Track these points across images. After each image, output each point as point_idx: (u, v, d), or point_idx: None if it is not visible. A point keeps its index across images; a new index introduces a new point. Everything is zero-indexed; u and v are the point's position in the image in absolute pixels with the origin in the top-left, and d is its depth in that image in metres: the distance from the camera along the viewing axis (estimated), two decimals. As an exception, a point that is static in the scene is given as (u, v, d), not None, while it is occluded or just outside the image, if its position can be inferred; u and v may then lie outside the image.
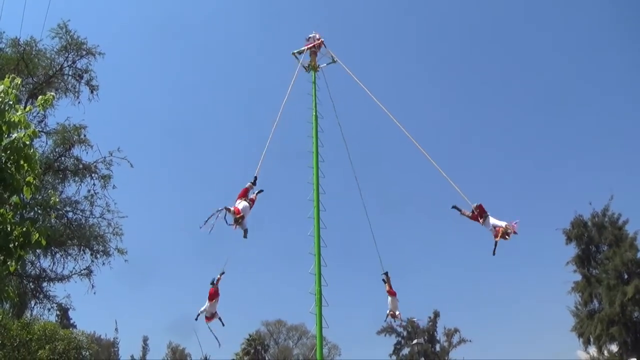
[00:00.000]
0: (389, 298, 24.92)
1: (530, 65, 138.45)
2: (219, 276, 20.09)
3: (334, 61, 24.30)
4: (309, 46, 24.36)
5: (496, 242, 17.24)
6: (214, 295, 19.89)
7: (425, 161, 20.29)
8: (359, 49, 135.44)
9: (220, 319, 20.07)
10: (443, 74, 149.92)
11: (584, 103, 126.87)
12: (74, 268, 30.80)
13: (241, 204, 18.50)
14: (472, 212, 18.07)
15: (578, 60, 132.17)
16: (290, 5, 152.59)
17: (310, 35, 24.85)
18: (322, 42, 24.53)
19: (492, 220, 17.59)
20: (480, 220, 17.82)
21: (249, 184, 19.62)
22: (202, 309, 19.80)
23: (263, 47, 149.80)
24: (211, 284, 20.02)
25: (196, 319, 19.95)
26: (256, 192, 19.73)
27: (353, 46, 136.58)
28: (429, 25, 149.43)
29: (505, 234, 17.05)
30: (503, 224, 17.31)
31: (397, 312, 24.55)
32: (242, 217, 18.11)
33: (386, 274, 25.15)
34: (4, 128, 8.04)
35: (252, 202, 19.14)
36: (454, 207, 18.59)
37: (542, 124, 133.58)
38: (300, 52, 24.49)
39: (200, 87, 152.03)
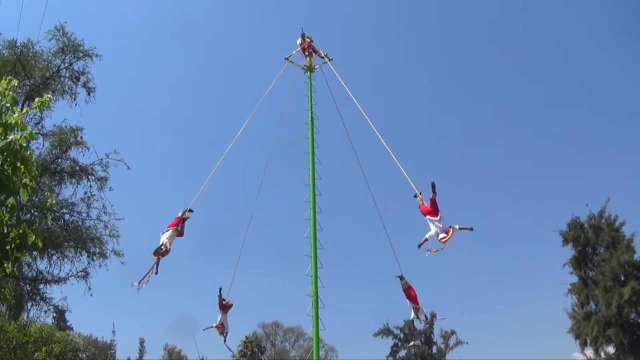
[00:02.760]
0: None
1: (528, 66, 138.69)
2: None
3: (329, 59, 24.28)
4: (304, 46, 24.38)
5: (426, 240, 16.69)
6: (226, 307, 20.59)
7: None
8: (358, 49, 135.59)
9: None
10: (441, 74, 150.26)
11: (581, 104, 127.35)
12: (70, 270, 30.77)
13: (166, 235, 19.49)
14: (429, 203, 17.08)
15: (576, 61, 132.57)
16: (287, 5, 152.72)
17: (300, 38, 24.85)
18: (312, 41, 24.58)
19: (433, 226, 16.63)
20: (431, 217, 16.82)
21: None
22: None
23: (260, 47, 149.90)
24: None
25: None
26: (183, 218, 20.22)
27: (352, 46, 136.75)
28: (428, 24, 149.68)
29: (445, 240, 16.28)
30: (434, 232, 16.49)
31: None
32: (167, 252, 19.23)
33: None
34: (0, 130, 8.03)
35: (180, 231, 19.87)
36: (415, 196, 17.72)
37: (539, 125, 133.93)
38: (292, 55, 24.52)
39: (197, 89, 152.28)
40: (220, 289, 21.10)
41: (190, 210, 20.12)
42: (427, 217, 16.80)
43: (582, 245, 51.98)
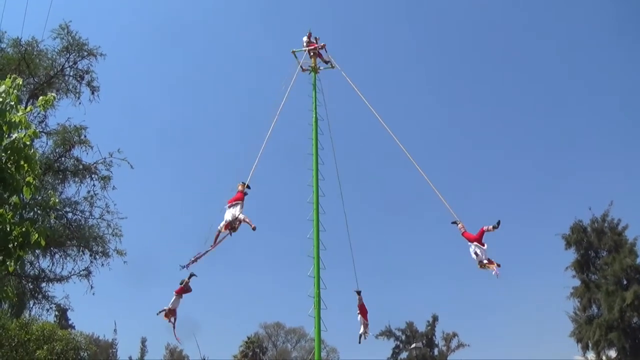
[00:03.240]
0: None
1: (532, 68, 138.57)
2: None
3: (332, 66, 24.24)
4: (311, 47, 24.30)
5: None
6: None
7: (425, 165, 20.36)
8: (358, 49, 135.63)
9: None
10: (444, 76, 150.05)
11: (585, 107, 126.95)
12: (72, 269, 30.79)
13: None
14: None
15: (580, 63, 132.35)
16: (290, 6, 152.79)
17: (306, 37, 24.76)
18: (324, 46, 24.49)
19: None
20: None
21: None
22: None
23: (263, 48, 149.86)
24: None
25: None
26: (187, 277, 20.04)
27: (352, 47, 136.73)
28: (428, 26, 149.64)
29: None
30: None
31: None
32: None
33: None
34: (4, 128, 8.04)
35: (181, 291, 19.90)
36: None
37: (542, 127, 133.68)
38: (299, 51, 24.42)
39: (201, 88, 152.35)
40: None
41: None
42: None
43: (584, 248, 51.97)
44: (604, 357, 48.81)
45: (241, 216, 18.11)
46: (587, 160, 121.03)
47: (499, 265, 17.31)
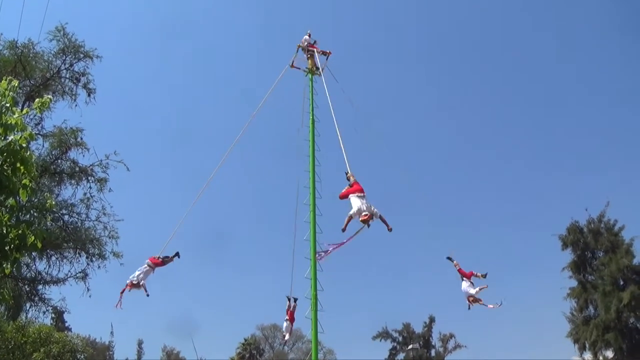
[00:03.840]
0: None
1: (528, 69, 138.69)
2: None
3: (318, 74, 24.14)
4: (309, 48, 24.34)
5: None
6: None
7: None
8: (358, 50, 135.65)
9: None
10: (440, 76, 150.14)
11: (581, 107, 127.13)
12: (69, 271, 30.74)
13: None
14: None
15: (576, 64, 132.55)
16: (290, 7, 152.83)
17: (304, 38, 24.80)
18: (315, 45, 24.54)
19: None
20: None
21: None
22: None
23: (263, 49, 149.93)
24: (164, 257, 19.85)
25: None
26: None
27: (352, 47, 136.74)
28: (427, 26, 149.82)
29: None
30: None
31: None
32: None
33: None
34: (0, 130, 8.03)
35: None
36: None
37: (539, 128, 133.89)
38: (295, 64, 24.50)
39: (198, 90, 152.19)
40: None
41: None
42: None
43: (581, 249, 52.06)
44: (601, 358, 48.90)
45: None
46: (583, 161, 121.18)
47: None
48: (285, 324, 23.11)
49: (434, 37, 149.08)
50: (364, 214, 16.12)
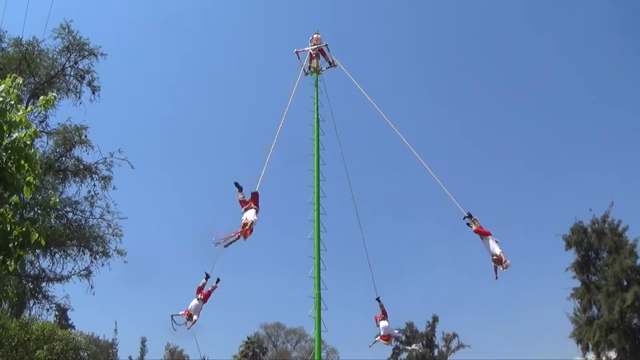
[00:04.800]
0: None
1: (531, 69, 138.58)
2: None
3: (333, 65, 24.13)
4: (312, 48, 24.23)
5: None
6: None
7: (423, 167, 20.36)
8: (360, 50, 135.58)
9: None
10: (443, 76, 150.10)
11: (585, 107, 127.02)
12: (73, 269, 30.79)
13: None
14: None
15: (580, 64, 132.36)
16: (292, 5, 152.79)
17: (312, 36, 24.72)
18: (326, 45, 24.41)
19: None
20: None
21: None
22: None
23: (265, 48, 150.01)
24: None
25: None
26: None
27: (354, 47, 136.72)
28: (429, 27, 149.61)
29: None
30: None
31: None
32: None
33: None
34: (5, 128, 8.02)
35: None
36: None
37: (542, 128, 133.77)
38: (302, 51, 24.31)
39: (202, 88, 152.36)
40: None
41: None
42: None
43: (585, 249, 51.96)
44: (604, 358, 48.82)
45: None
46: (587, 161, 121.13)
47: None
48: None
49: (435, 36, 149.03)
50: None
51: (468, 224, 18.78)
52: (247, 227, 17.73)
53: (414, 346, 59.29)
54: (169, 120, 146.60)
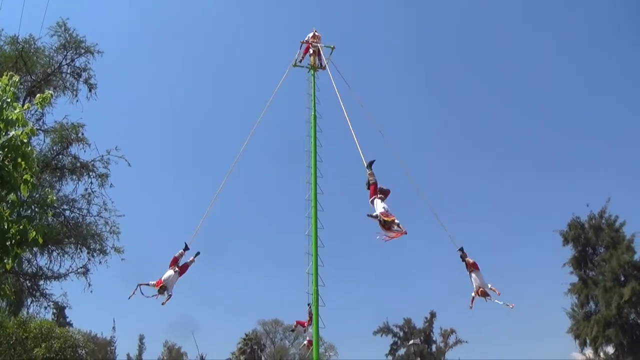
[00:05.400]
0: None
1: (529, 66, 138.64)
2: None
3: (322, 67, 24.00)
4: (305, 49, 24.25)
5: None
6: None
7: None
8: (358, 50, 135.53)
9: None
10: (441, 74, 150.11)
11: (582, 104, 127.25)
12: (70, 266, 30.86)
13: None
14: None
15: (577, 60, 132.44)
16: (290, 5, 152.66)
17: (308, 36, 24.71)
18: (319, 41, 24.40)
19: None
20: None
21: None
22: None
23: (263, 46, 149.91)
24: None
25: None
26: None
27: (352, 47, 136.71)
28: (428, 25, 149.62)
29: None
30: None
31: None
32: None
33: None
34: (1, 126, 8.02)
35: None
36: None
37: (540, 124, 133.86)
38: (300, 60, 24.34)
39: (199, 85, 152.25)
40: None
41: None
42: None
43: (582, 245, 51.99)
44: (601, 354, 48.88)
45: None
46: (584, 157, 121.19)
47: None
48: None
49: (435, 35, 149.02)
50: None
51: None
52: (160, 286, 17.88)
53: (411, 342, 59.31)
54: (166, 117, 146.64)
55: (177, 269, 19.00)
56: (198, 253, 19.94)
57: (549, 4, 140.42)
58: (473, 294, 17.96)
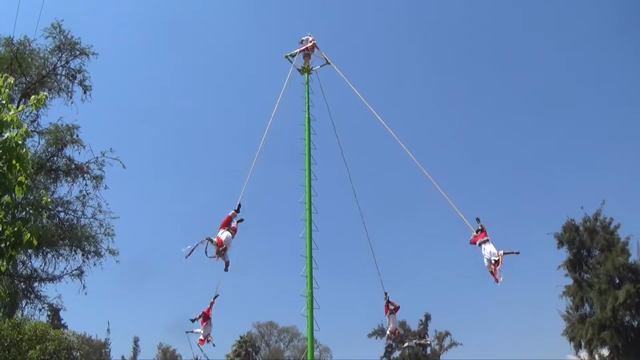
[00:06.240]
0: None
1: (524, 68, 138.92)
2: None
3: (327, 62, 24.28)
4: (302, 49, 24.36)
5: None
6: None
7: (417, 165, 20.43)
8: (356, 50, 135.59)
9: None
10: (438, 74, 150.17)
11: (577, 105, 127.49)
12: (65, 268, 30.78)
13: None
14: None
15: (573, 63, 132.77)
16: (285, 6, 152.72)
17: (303, 38, 24.85)
18: (315, 44, 24.51)
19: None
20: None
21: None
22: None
23: (258, 48, 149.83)
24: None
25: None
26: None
27: (350, 47, 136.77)
28: (425, 26, 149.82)
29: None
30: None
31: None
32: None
33: None
34: (-4, 127, 8.02)
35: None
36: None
37: (534, 127, 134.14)
38: (292, 55, 24.46)
39: (194, 87, 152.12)
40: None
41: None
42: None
43: (577, 247, 52.09)
44: (596, 356, 49.00)
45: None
46: (579, 159, 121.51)
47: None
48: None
49: (435, 35, 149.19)
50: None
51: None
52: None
53: (406, 344, 59.27)
54: (161, 119, 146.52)
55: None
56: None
57: (546, 3, 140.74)
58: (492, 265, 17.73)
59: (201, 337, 20.57)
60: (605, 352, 48.68)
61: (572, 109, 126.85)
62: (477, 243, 18.23)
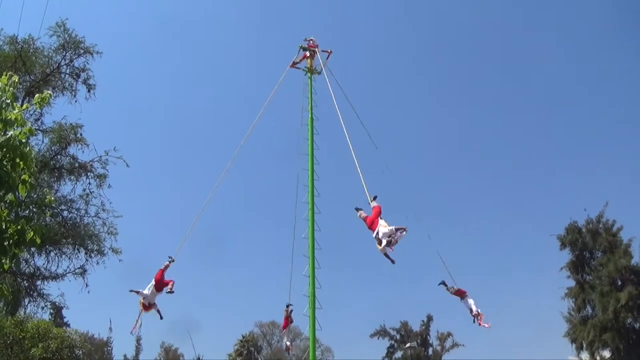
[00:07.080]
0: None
1: (527, 69, 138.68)
2: (167, 263, 19.94)
3: (321, 69, 24.13)
4: (302, 57, 24.44)
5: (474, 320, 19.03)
6: (160, 285, 19.47)
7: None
8: (356, 50, 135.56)
9: (158, 311, 19.84)
10: (439, 74, 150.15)
11: (580, 107, 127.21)
12: (68, 267, 30.82)
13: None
14: (456, 291, 19.45)
15: (576, 64, 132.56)
16: (289, 6, 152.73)
17: (305, 40, 24.87)
18: (317, 47, 24.55)
19: (470, 303, 19.16)
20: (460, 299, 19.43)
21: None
22: (142, 292, 19.38)
23: (260, 47, 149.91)
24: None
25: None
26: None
27: (350, 48, 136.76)
28: (426, 26, 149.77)
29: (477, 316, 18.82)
30: (474, 309, 18.97)
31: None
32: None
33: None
34: (0, 125, 8.04)
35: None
36: (442, 283, 19.80)
37: (538, 128, 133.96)
38: (295, 64, 24.51)
39: (198, 86, 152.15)
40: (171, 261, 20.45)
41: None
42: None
43: (579, 249, 52.07)
44: (598, 358, 48.96)
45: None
46: (582, 161, 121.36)
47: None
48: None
49: (435, 34, 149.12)
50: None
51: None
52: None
53: (408, 344, 59.41)
54: (165, 118, 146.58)
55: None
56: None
57: (546, 4, 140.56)
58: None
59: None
60: (606, 354, 48.66)
61: (575, 110, 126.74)
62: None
